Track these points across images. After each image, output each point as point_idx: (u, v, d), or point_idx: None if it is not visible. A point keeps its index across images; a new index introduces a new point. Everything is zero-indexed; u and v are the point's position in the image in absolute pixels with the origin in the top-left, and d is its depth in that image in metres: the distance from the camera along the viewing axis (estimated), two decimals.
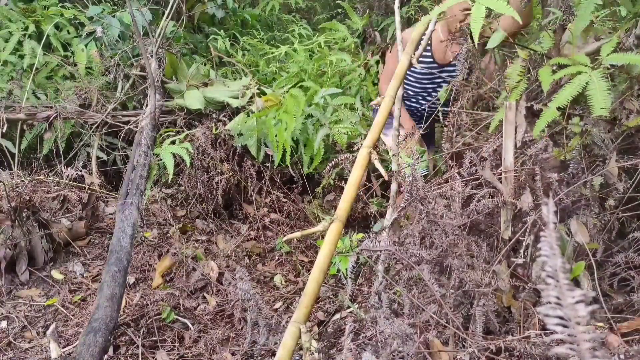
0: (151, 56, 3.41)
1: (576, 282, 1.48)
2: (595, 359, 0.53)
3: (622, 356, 1.07)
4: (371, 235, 1.64)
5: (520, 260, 1.50)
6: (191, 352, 2.07)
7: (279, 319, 1.87)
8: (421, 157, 2.57)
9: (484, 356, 1.28)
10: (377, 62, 3.76)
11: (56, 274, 2.52)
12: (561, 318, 0.53)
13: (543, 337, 1.27)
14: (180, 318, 2.27)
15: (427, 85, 2.58)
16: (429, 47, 2.44)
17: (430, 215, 1.53)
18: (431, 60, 2.47)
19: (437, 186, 1.66)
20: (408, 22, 3.74)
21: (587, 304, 0.52)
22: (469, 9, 2.20)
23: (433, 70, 2.50)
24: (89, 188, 3.06)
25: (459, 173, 1.66)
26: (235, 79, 3.74)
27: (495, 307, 1.47)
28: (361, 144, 1.49)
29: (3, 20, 3.68)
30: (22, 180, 2.81)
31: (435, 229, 1.54)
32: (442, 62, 2.47)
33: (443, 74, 2.52)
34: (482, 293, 1.42)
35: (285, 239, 1.35)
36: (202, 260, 2.71)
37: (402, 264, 1.55)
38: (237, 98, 3.35)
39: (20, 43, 3.56)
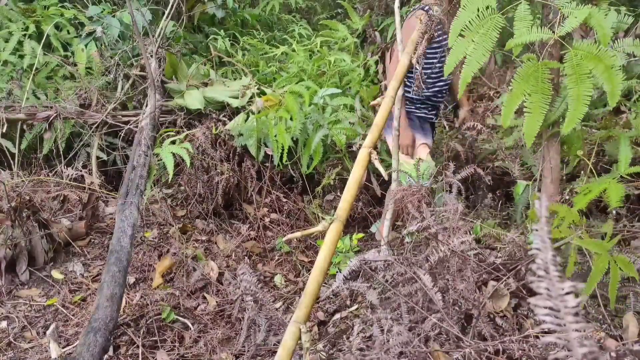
0: (151, 56, 3.41)
1: None
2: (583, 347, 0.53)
3: (613, 354, 1.07)
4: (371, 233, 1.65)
5: None
6: (191, 352, 2.07)
7: (279, 315, 1.87)
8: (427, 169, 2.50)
9: (484, 357, 1.28)
10: (377, 62, 3.76)
11: (56, 274, 2.52)
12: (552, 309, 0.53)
13: (540, 338, 1.28)
14: (180, 318, 2.27)
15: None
16: None
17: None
18: None
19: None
20: None
21: (575, 295, 0.52)
22: None
23: None
24: (89, 188, 3.06)
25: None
26: (235, 79, 3.74)
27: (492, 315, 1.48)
28: (360, 144, 1.49)
29: (3, 20, 3.68)
30: (22, 180, 2.81)
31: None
32: None
33: None
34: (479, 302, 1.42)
35: (285, 239, 1.35)
36: (202, 260, 2.71)
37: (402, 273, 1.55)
38: (237, 98, 3.35)
39: (20, 43, 3.56)
